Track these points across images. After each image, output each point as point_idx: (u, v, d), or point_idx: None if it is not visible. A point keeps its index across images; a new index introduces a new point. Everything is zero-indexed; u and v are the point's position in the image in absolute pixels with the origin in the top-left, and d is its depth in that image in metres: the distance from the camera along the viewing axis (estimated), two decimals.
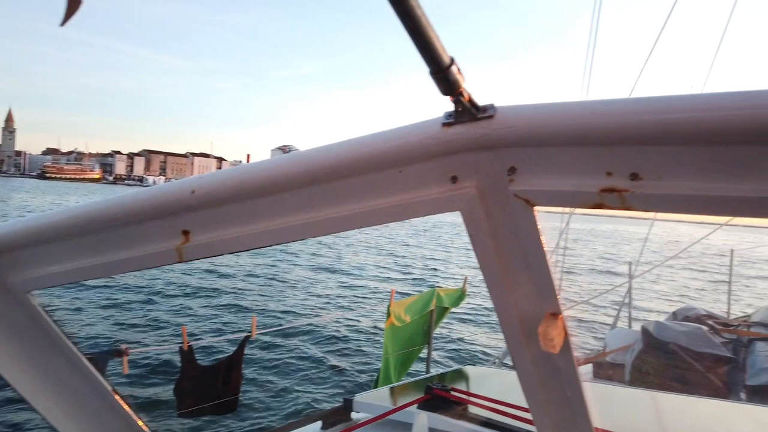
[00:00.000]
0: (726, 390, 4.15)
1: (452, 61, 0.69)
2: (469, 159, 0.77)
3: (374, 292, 18.81)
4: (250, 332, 6.44)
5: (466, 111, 0.73)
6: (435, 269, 25.85)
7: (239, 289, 18.04)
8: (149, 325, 12.87)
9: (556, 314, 0.86)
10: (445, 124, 0.75)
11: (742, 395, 4.05)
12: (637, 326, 6.38)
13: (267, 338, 11.51)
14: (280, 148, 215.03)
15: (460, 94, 0.71)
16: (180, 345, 5.90)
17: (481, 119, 0.73)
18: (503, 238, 0.82)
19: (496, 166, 0.76)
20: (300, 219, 0.87)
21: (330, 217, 0.85)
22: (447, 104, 0.74)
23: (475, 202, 0.79)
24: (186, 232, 0.91)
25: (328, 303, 16.74)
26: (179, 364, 5.96)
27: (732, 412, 2.74)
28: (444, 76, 0.69)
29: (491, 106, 0.73)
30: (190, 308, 14.88)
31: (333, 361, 10.99)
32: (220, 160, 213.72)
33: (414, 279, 22.51)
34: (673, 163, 0.66)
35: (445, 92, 0.71)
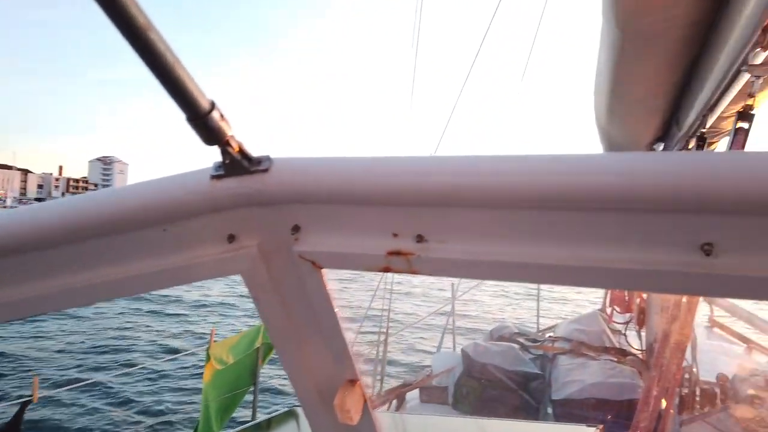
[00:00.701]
0: (537, 406, 4.73)
1: (213, 105, 0.64)
2: (247, 216, 0.73)
3: (192, 333, 17.76)
4: (31, 395, 5.68)
5: (237, 163, 0.70)
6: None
7: (15, 334, 15.70)
8: None
9: (353, 381, 0.86)
10: (214, 177, 0.71)
11: (550, 410, 4.64)
12: (465, 343, 6.96)
13: (55, 399, 10.17)
14: (99, 159, 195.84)
15: (227, 143, 0.67)
16: None
17: (255, 173, 0.70)
18: (291, 301, 0.79)
19: (277, 223, 0.73)
20: (45, 287, 0.77)
21: (78, 286, 0.76)
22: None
23: (256, 264, 0.75)
24: None
25: (134, 347, 15.38)
26: None
27: None
28: (202, 123, 0.64)
29: (266, 158, 0.71)
30: None
31: (142, 417, 10.12)
32: (26, 172, 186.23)
33: (236, 314, 21.75)
34: (457, 226, 0.67)
35: (207, 141, 0.66)
